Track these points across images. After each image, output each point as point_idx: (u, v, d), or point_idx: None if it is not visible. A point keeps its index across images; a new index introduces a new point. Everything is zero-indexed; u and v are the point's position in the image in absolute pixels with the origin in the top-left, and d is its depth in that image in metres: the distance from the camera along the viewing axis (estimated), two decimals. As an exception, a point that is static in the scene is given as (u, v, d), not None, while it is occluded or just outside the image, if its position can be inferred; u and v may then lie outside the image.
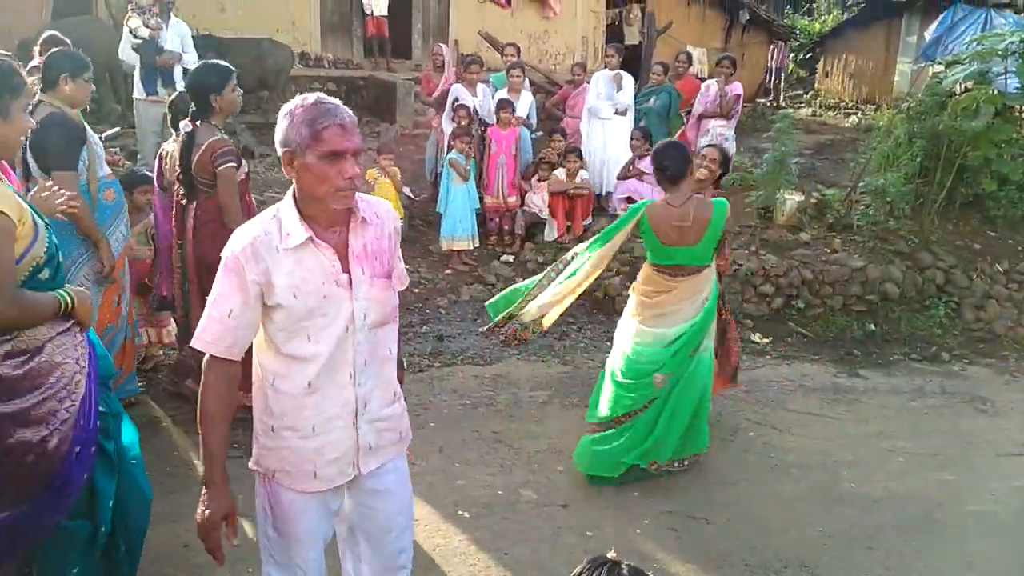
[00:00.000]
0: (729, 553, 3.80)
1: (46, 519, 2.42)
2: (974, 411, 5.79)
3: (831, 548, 3.91)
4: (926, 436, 5.25)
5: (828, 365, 6.35)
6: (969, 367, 6.64)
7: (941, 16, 14.84)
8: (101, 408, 2.59)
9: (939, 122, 8.02)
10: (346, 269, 2.21)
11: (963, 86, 8.48)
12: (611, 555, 1.61)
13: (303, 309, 2.17)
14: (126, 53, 8.38)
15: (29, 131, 2.68)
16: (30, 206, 2.41)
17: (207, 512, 2.20)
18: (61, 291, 2.43)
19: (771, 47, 16.93)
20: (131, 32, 8.16)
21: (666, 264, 4.25)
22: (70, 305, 2.43)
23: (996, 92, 8.17)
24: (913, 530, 4.12)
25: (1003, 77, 8.33)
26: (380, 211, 2.36)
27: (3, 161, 3.12)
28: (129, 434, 2.81)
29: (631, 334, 4.38)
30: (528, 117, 8.60)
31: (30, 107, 2.81)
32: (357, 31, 13.87)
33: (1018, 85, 8.17)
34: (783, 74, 17.39)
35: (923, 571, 3.79)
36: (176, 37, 8.29)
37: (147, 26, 8.06)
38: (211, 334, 2.19)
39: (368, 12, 13.14)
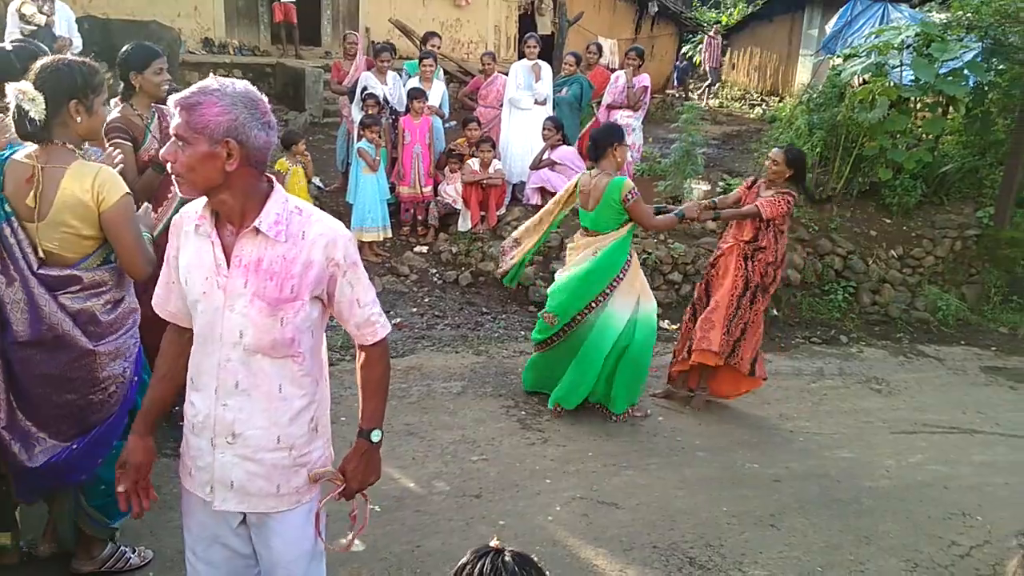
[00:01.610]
0: (638, 536, 3.88)
1: (107, 441, 2.89)
2: (870, 391, 6.06)
3: (736, 528, 4.03)
4: (825, 417, 5.46)
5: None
6: (866, 349, 6.94)
7: (841, 10, 15.37)
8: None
9: (837, 113, 8.33)
10: (231, 274, 2.04)
11: (861, 78, 8.83)
12: (494, 543, 1.62)
13: (192, 295, 2.10)
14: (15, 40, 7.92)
15: None
16: None
17: (120, 457, 2.25)
18: (143, 232, 2.91)
19: (710, 42, 17.13)
20: (23, 19, 7.73)
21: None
22: (153, 238, 3.01)
23: (892, 84, 8.53)
24: (813, 508, 4.29)
25: (898, 70, 8.69)
26: (309, 232, 2.04)
27: None
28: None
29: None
30: (440, 107, 8.55)
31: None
32: (264, 17, 13.54)
33: (913, 78, 8.53)
34: (717, 72, 17.62)
35: (823, 547, 3.94)
36: (63, 21, 7.92)
37: (42, 12, 7.66)
38: (158, 296, 2.25)
39: (275, -2, 12.82)
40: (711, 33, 17.19)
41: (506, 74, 8.92)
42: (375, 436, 2.22)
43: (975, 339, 7.52)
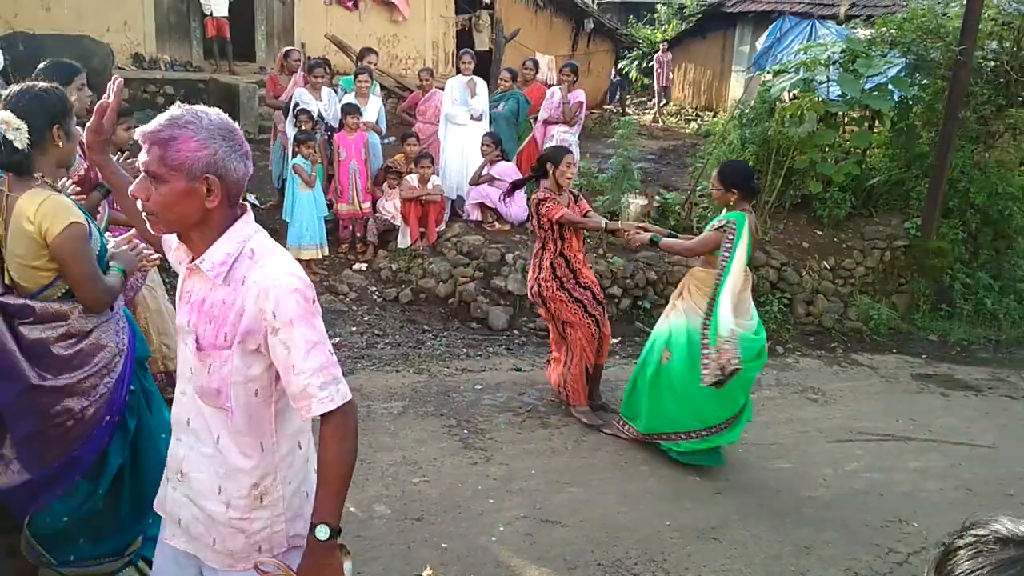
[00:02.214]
0: (582, 554, 3.85)
1: (69, 476, 2.77)
2: (807, 401, 6.17)
3: (679, 542, 4.03)
4: (764, 427, 5.53)
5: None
6: (802, 359, 7.07)
7: (770, 27, 15.80)
8: (132, 386, 2.90)
9: (768, 128, 8.50)
10: (181, 309, 1.99)
11: (791, 94, 9.04)
12: (426, 573, 1.56)
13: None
14: None
15: None
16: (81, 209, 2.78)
17: None
18: (113, 266, 2.87)
19: (660, 60, 17.30)
20: None
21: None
22: (125, 274, 2.91)
23: (820, 100, 8.75)
24: (754, 520, 4.32)
25: (826, 85, 8.92)
26: (248, 277, 1.85)
27: None
28: (164, 412, 3.01)
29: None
30: (377, 122, 8.47)
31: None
32: (196, 32, 13.29)
33: (840, 93, 8.76)
34: (668, 90, 17.80)
35: (764, 559, 3.98)
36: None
37: None
38: None
39: (207, 12, 12.59)
40: (661, 51, 17.40)
41: (443, 90, 8.90)
42: (320, 533, 1.87)
43: (906, 347, 7.72)
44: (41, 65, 4.03)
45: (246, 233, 1.91)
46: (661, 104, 17.53)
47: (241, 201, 1.95)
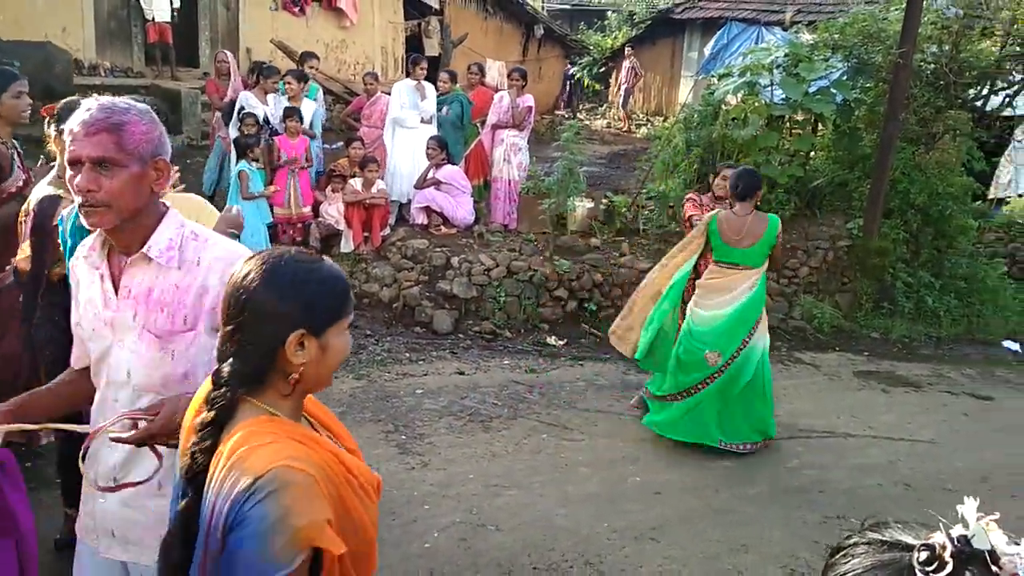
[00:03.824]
0: (517, 557, 3.77)
1: None
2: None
3: (616, 543, 3.98)
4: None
5: (619, 363, 6.54)
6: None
7: (718, 33, 15.95)
8: None
9: (713, 131, 8.53)
10: (119, 307, 1.90)
11: (736, 97, 9.10)
12: None
13: (84, 333, 1.96)
14: None
15: None
16: None
17: None
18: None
19: (625, 68, 17.33)
20: None
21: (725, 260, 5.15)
22: None
23: (764, 103, 8.81)
24: (694, 519, 4.29)
25: (770, 89, 8.99)
26: (204, 257, 1.89)
27: None
28: None
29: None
30: (311, 127, 8.33)
31: None
32: (138, 37, 12.98)
33: (783, 96, 8.83)
34: (631, 95, 17.83)
35: (702, 558, 3.93)
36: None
37: None
38: (76, 352, 2.11)
39: (149, 18, 12.33)
40: (628, 55, 17.44)
41: (389, 94, 8.80)
42: None
43: (849, 345, 7.79)
44: None
45: (180, 218, 1.95)
46: (626, 108, 17.58)
47: None
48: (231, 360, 1.44)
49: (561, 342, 6.94)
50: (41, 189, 3.21)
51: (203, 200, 2.92)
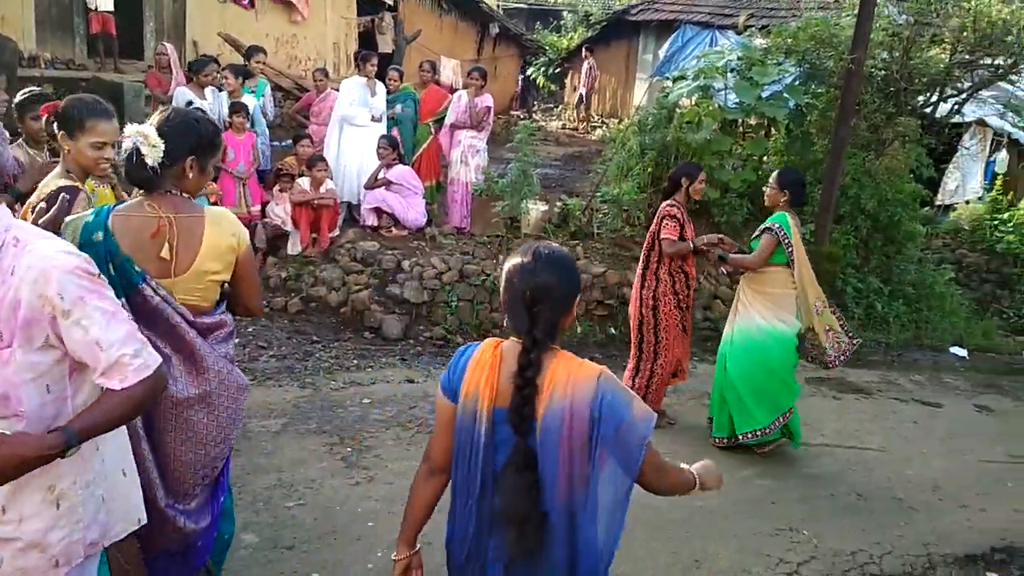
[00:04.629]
0: None
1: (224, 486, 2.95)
2: (702, 407, 6.10)
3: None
4: (659, 434, 5.42)
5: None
6: (699, 365, 7.02)
7: (672, 36, 15.98)
8: None
9: (667, 134, 8.49)
10: None
11: (690, 100, 9.07)
12: None
13: None
14: None
15: None
16: None
17: None
18: None
19: (583, 69, 17.22)
20: None
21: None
22: None
23: (718, 106, 8.80)
24: (643, 532, 4.18)
25: (723, 92, 8.99)
26: (19, 265, 1.71)
27: None
28: None
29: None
30: (254, 124, 8.06)
31: None
32: (80, 28, 12.55)
33: (737, 100, 8.83)
34: (589, 96, 17.74)
35: (653, 573, 3.84)
36: None
37: None
38: None
39: (92, 7, 11.91)
40: (585, 56, 17.36)
41: (338, 91, 8.58)
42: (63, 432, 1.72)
43: (800, 351, 7.77)
44: None
45: (4, 223, 1.74)
46: (583, 109, 17.50)
47: None
48: (538, 329, 1.94)
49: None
50: (52, 182, 3.13)
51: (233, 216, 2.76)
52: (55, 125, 3.12)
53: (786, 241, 5.08)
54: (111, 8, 11.96)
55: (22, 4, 11.95)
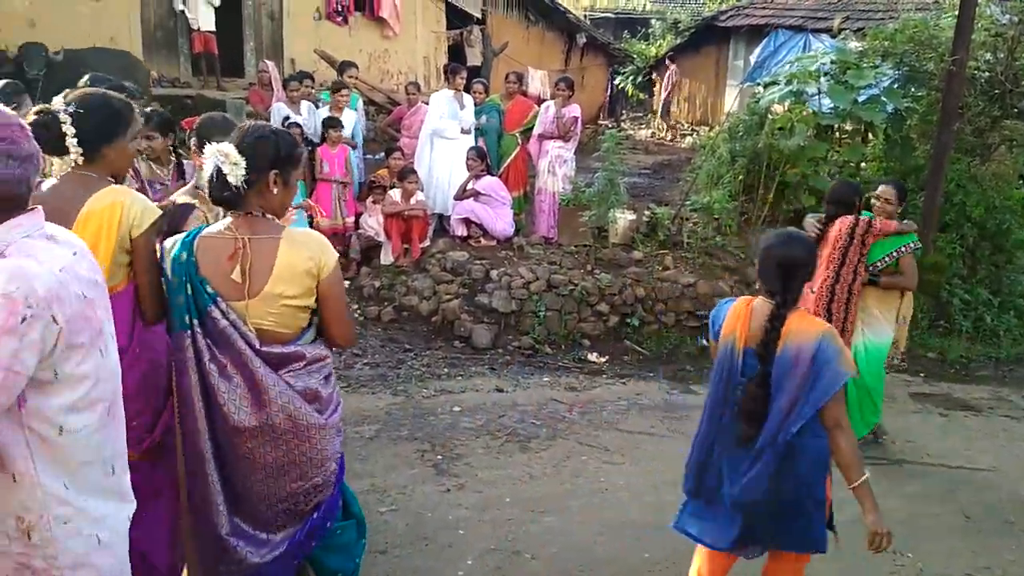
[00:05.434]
0: (555, 589, 3.63)
1: (329, 520, 2.83)
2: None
3: (658, 575, 3.81)
4: (753, 450, 5.30)
5: (662, 382, 6.37)
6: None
7: (764, 41, 15.67)
8: None
9: (759, 141, 8.31)
10: None
11: (783, 106, 8.86)
12: None
13: None
14: None
15: None
16: None
17: None
18: None
19: (665, 78, 17.19)
20: None
21: None
22: None
23: (811, 112, 8.57)
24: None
25: (817, 97, 8.75)
26: None
27: None
28: None
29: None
30: (353, 137, 8.29)
31: None
32: (184, 47, 13.15)
33: (832, 106, 8.57)
34: (668, 103, 17.69)
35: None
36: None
37: None
38: None
39: (195, 27, 12.48)
40: (668, 64, 17.27)
41: (428, 104, 8.74)
42: None
43: (904, 365, 7.49)
44: (84, 80, 3.89)
45: (8, 238, 1.75)
46: (667, 117, 17.38)
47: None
48: (784, 293, 2.72)
49: (603, 359, 6.78)
50: (179, 197, 3.27)
51: (323, 239, 2.64)
52: (193, 140, 3.24)
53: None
54: (213, 28, 12.51)
55: (130, 26, 12.60)
